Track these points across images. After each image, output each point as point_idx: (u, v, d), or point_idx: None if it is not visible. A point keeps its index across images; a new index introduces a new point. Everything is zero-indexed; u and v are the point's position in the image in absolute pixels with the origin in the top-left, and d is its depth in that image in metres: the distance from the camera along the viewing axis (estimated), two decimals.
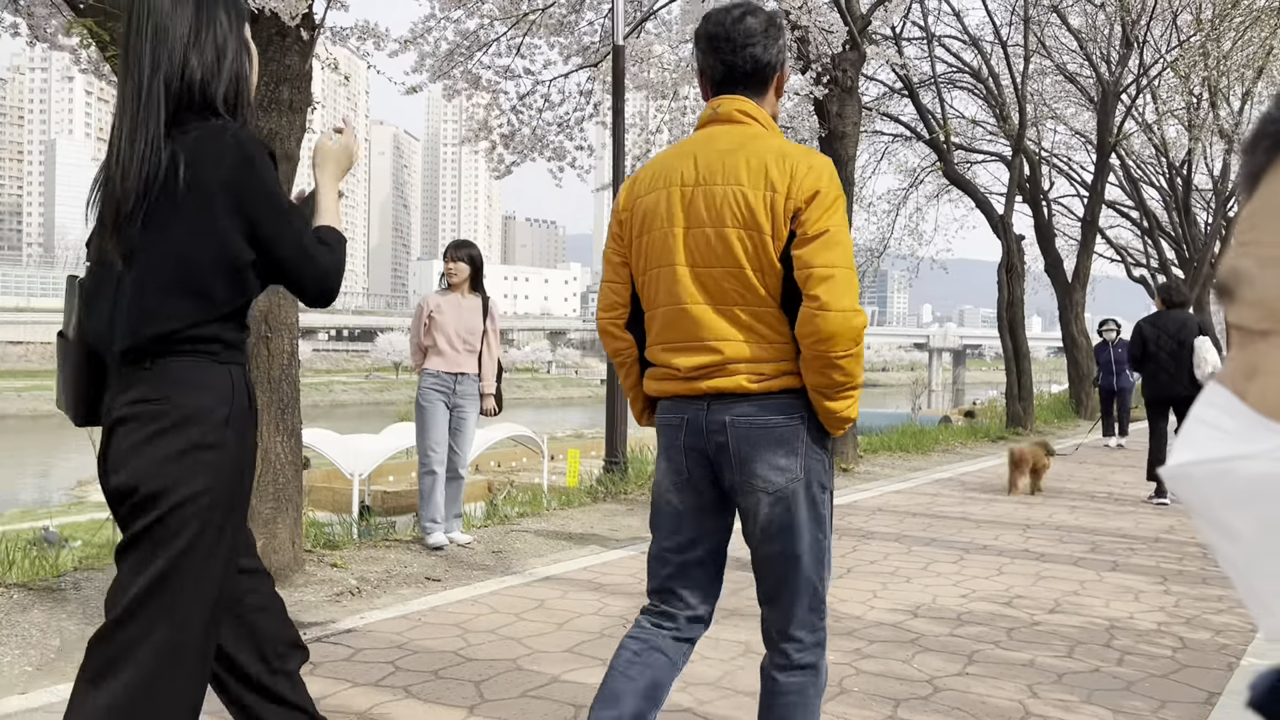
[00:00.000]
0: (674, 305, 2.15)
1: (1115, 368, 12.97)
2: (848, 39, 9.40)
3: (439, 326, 5.78)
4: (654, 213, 2.18)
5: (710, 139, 2.17)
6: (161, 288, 1.91)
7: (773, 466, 2.10)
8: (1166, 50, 18.79)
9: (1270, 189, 0.40)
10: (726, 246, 2.08)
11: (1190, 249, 24.99)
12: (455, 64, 10.79)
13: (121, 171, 1.89)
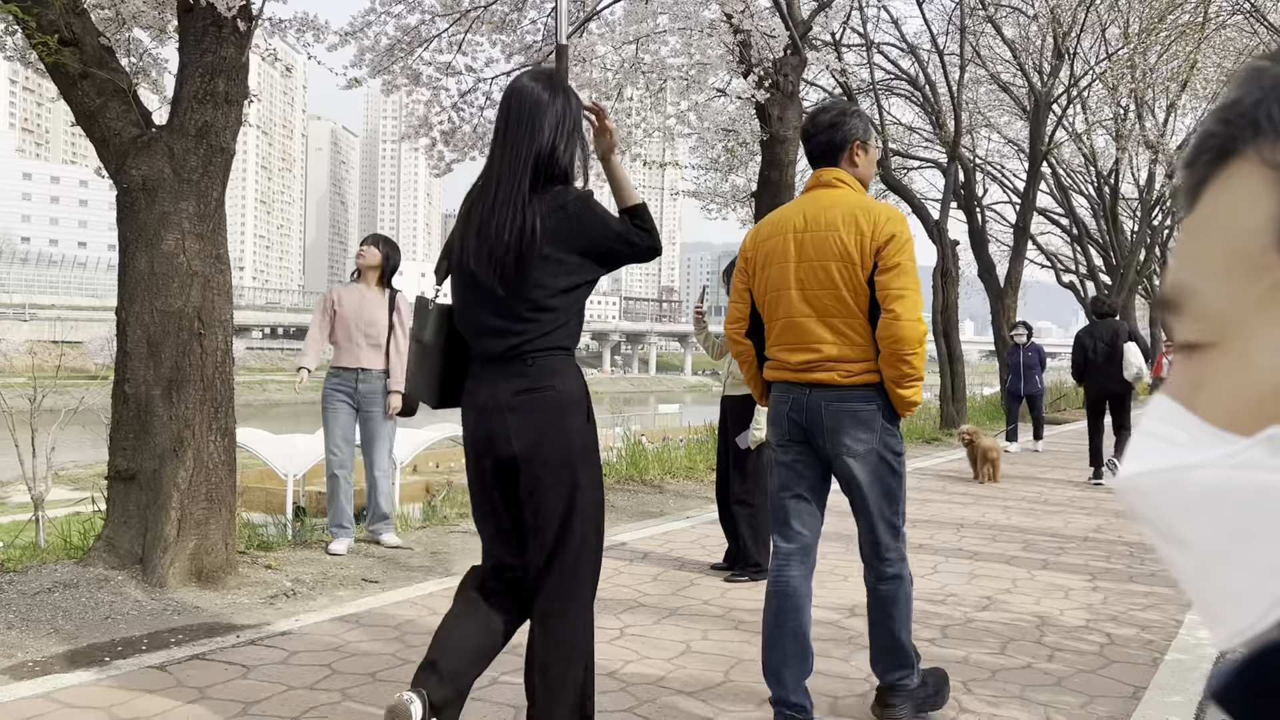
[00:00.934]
0: (788, 318, 2.98)
1: (1025, 372, 12.70)
2: (789, 44, 9.49)
3: (339, 319, 5.55)
4: (774, 252, 3.03)
5: (814, 198, 3.04)
6: (534, 305, 2.51)
7: (855, 439, 2.94)
8: (1096, 62, 19.31)
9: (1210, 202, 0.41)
10: (828, 274, 2.91)
11: (1117, 256, 25.72)
12: (395, 59, 10.66)
13: (497, 224, 2.50)
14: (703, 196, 14.49)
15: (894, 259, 2.85)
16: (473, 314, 2.60)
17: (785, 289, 2.99)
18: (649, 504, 7.56)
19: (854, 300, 2.90)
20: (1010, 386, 13.02)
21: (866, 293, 2.89)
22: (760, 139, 9.80)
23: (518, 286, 2.50)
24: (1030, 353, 12.61)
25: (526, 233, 2.48)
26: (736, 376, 5.27)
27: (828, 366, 2.93)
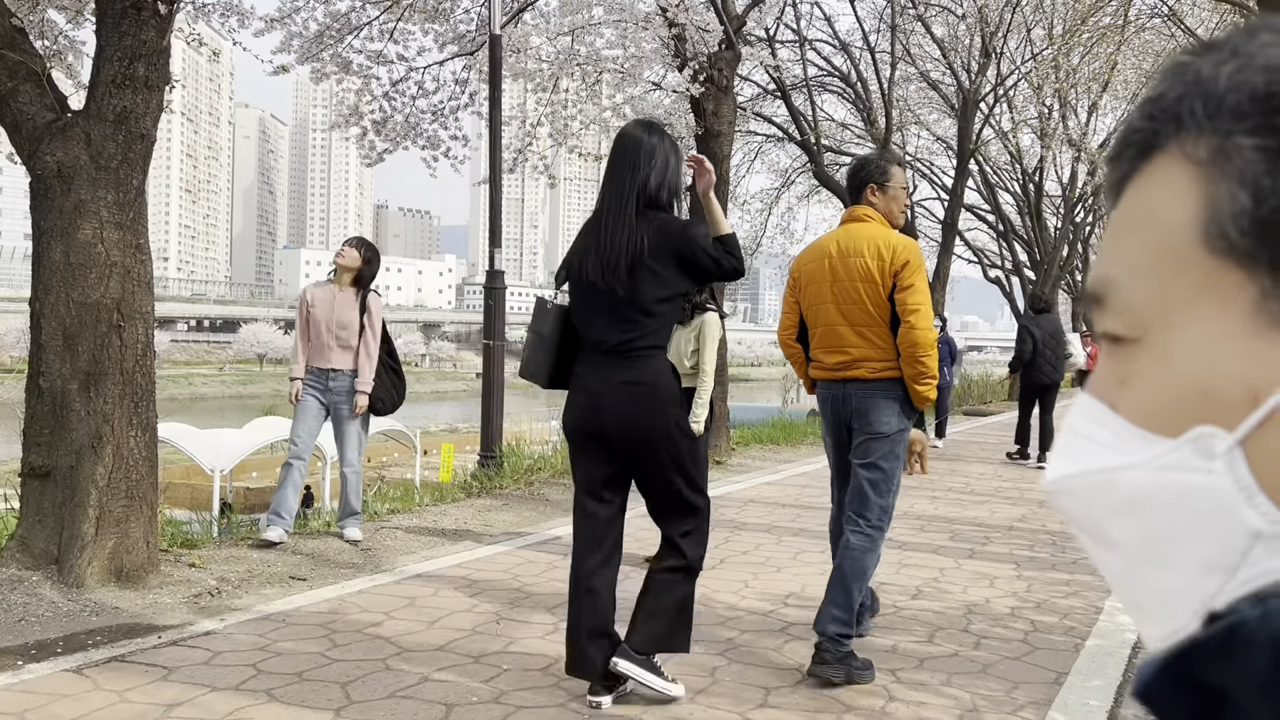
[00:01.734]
0: (827, 326, 3.71)
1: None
2: (724, 39, 9.53)
3: (312, 320, 5.63)
4: (815, 273, 3.74)
5: (847, 230, 3.74)
6: (640, 310, 3.13)
7: (875, 420, 3.64)
8: (1022, 62, 19.74)
9: (1134, 196, 0.41)
10: (856, 293, 3.61)
11: (1041, 251, 26.36)
12: (325, 46, 10.45)
13: (610, 243, 3.11)
14: None
15: (908, 280, 3.56)
16: (589, 315, 3.24)
17: (824, 303, 3.73)
18: None
19: (877, 313, 3.61)
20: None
21: (888, 307, 3.59)
22: (695, 133, 9.83)
23: (628, 293, 3.12)
24: (940, 346, 12.52)
25: (634, 248, 3.10)
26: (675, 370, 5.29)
27: (857, 365, 3.66)
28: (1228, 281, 0.36)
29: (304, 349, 5.65)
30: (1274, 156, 0.36)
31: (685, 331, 5.26)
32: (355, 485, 5.76)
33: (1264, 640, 0.33)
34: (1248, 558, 0.35)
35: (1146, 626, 0.40)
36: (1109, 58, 17.77)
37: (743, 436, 11.44)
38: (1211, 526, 0.36)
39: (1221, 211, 0.37)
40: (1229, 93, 0.37)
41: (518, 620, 4.20)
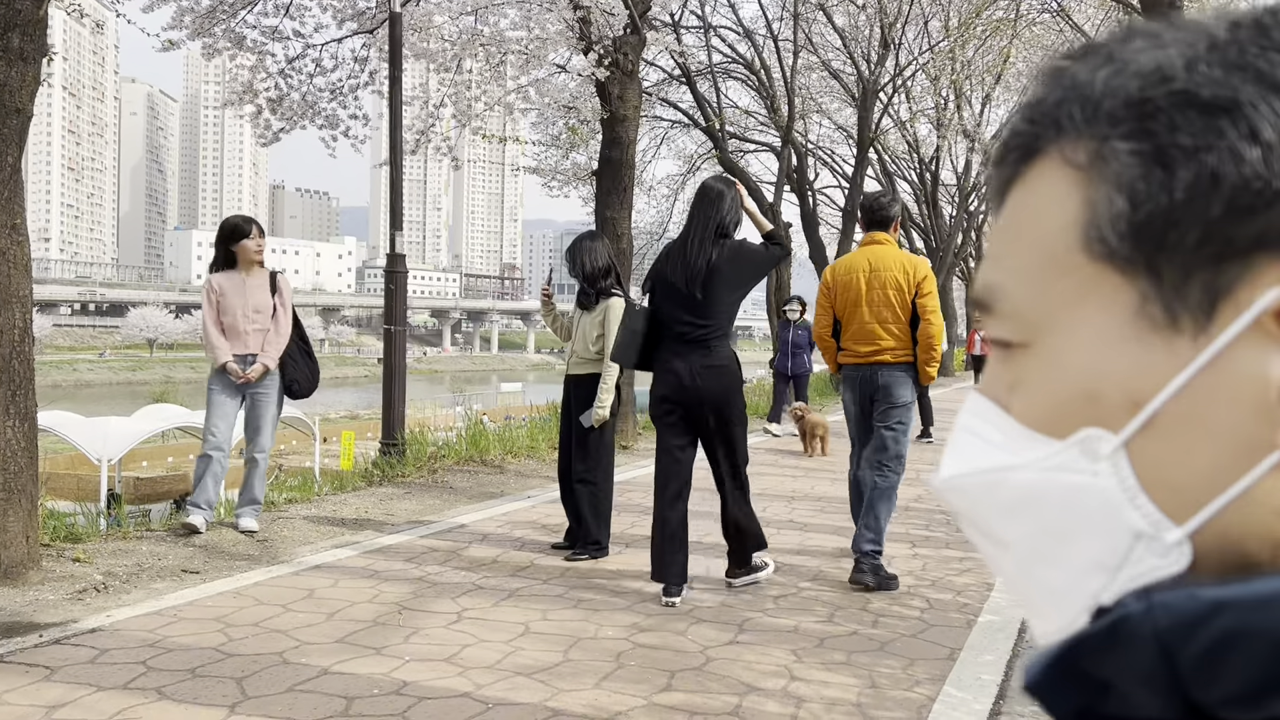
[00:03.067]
0: (860, 323, 4.81)
1: (793, 351, 11.72)
2: (629, 23, 9.50)
3: (226, 308, 5.45)
4: (849, 284, 4.83)
5: (873, 250, 4.84)
6: (712, 310, 4.36)
7: (895, 393, 4.76)
8: (919, 54, 20.22)
9: (1017, 201, 0.41)
10: (886, 298, 4.74)
11: (937, 239, 27.12)
12: (217, 21, 10.07)
13: (694, 262, 4.34)
14: (544, 173, 14.39)
15: (927, 290, 4.79)
16: (675, 313, 4.42)
17: (859, 306, 4.83)
18: (489, 484, 7.48)
19: (902, 313, 4.77)
20: (778, 365, 12.15)
21: (909, 309, 4.77)
22: (601, 117, 9.79)
23: (705, 296, 4.36)
24: (801, 331, 11.60)
25: (709, 264, 4.36)
26: (581, 355, 5.26)
27: (883, 353, 4.80)
28: (1108, 286, 0.37)
29: (220, 333, 5.47)
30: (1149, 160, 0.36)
31: (590, 317, 5.24)
32: (263, 472, 5.64)
33: (1146, 634, 0.34)
34: (1130, 556, 0.36)
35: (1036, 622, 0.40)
36: (1002, 50, 18.33)
37: (648, 422, 11.48)
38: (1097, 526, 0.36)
39: (1100, 215, 0.37)
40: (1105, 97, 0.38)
41: (421, 610, 4.14)
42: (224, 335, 5.47)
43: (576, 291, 5.41)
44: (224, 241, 5.57)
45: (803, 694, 3.29)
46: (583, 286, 5.32)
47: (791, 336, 11.69)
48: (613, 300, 5.21)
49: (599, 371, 5.17)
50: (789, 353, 11.74)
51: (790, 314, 11.72)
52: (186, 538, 5.32)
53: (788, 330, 11.80)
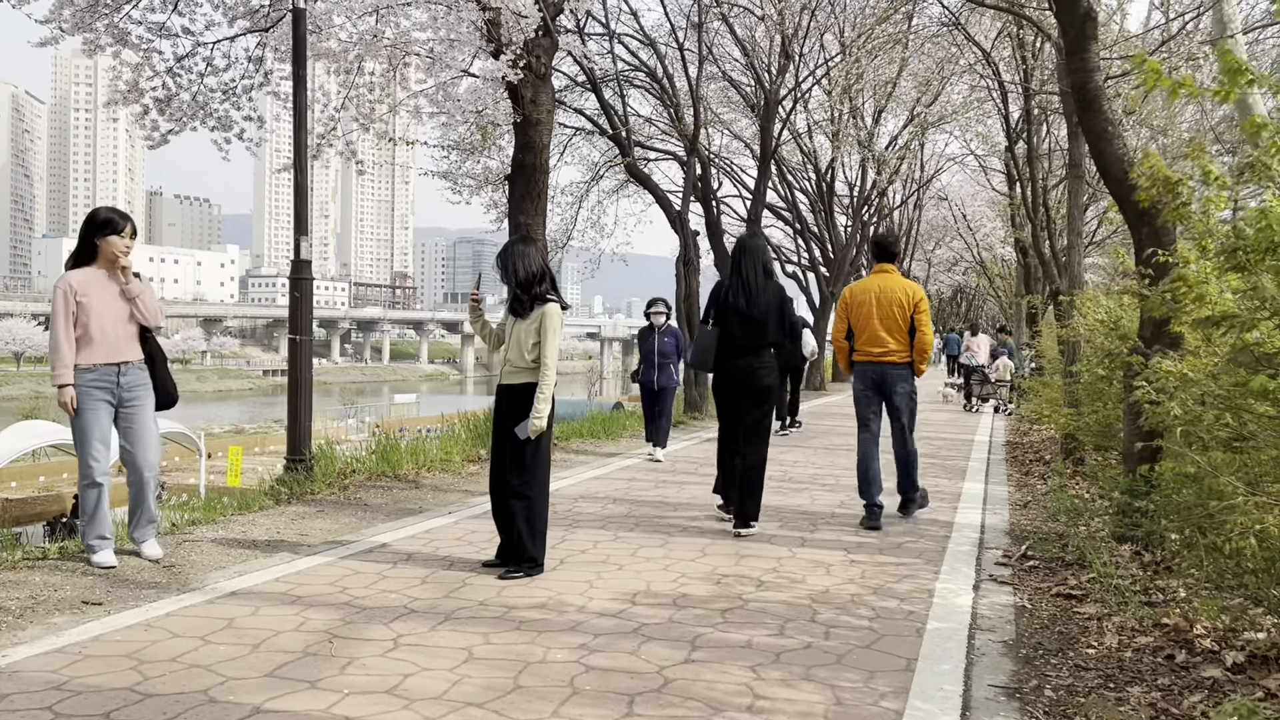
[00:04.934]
0: (871, 331, 6.52)
1: (659, 361, 10.11)
2: (541, 25, 9.32)
3: (91, 311, 4.90)
4: (864, 302, 6.56)
5: (882, 277, 6.62)
6: (772, 325, 6.21)
7: (900, 384, 6.54)
8: (816, 67, 20.55)
9: None
10: (893, 313, 6.49)
11: (833, 248, 27.63)
12: (99, 16, 9.47)
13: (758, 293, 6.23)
14: (451, 178, 14.04)
15: (923, 308, 6.53)
16: (738, 329, 6.21)
17: (871, 318, 6.54)
18: (406, 500, 7.18)
19: (903, 324, 6.50)
20: (642, 378, 10.25)
21: (909, 322, 6.50)
22: (514, 120, 9.57)
23: (761, 316, 6.17)
24: (667, 338, 10.17)
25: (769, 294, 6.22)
26: (515, 364, 5.04)
27: (890, 354, 6.52)
28: None
29: (71, 347, 4.89)
30: None
31: (525, 324, 5.03)
32: (154, 488, 5.22)
33: None
34: None
35: None
36: (904, 60, 18.77)
37: (564, 431, 11.30)
38: None
39: None
40: None
41: (353, 638, 3.88)
42: (84, 344, 4.89)
43: (509, 298, 5.20)
44: (91, 233, 4.97)
45: (771, 713, 3.17)
46: (516, 293, 5.11)
47: (657, 344, 10.14)
48: (549, 306, 5.02)
49: (534, 381, 4.97)
50: (654, 363, 10.12)
51: (655, 318, 10.20)
52: (83, 566, 4.91)
53: (651, 338, 10.22)
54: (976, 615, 4.42)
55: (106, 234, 4.95)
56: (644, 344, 10.30)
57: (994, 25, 15.30)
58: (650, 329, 10.28)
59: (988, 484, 8.62)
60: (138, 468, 5.10)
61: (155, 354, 5.22)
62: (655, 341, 10.17)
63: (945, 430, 13.90)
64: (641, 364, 10.31)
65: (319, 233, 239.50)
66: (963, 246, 40.20)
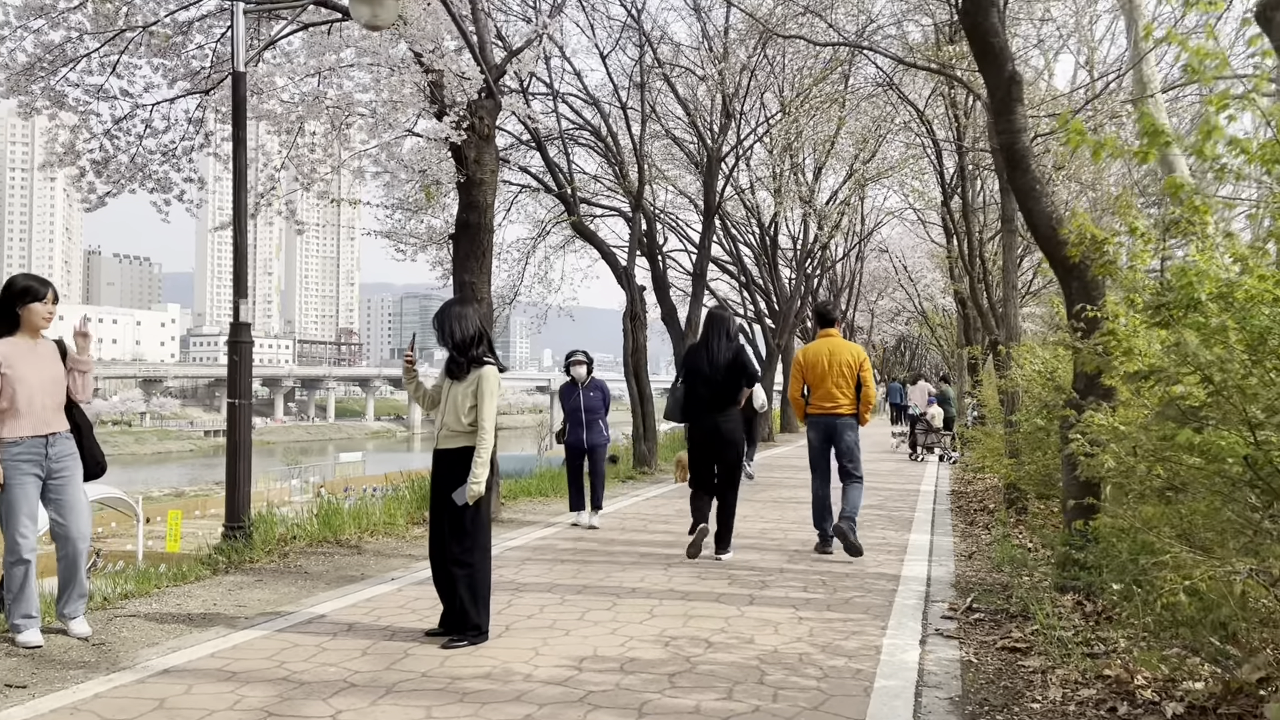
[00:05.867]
0: (823, 387, 7.64)
1: (586, 416, 9.29)
2: (484, 87, 9.40)
3: (18, 382, 4.75)
4: (817, 361, 7.67)
5: (829, 341, 7.77)
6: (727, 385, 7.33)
7: (848, 432, 7.62)
8: (757, 125, 20.96)
9: None
10: (842, 371, 7.59)
11: (778, 300, 27.97)
12: (35, 79, 9.36)
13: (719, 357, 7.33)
14: (395, 237, 14.01)
15: (866, 367, 7.61)
16: (704, 388, 7.32)
17: (824, 378, 7.59)
18: (347, 567, 7.03)
19: (851, 381, 7.57)
20: (569, 439, 9.37)
21: (856, 379, 7.57)
22: (457, 180, 9.60)
23: (723, 379, 7.28)
24: (593, 392, 9.38)
25: (730, 357, 7.30)
26: (452, 428, 4.99)
27: (840, 407, 7.56)
28: None
29: None
30: None
31: (461, 386, 5.00)
32: (85, 562, 5.05)
33: None
34: None
35: None
36: (840, 120, 19.21)
37: (511, 489, 11.18)
38: None
39: None
40: None
41: (291, 715, 3.76)
42: (9, 416, 4.73)
43: (446, 360, 5.17)
44: (11, 302, 4.81)
45: None
46: (453, 355, 5.09)
47: (583, 400, 9.31)
48: (486, 369, 5.00)
49: (471, 445, 4.92)
50: (582, 420, 9.30)
51: (576, 371, 9.35)
52: (7, 646, 4.72)
53: (575, 394, 9.36)
54: (923, 672, 4.42)
55: (28, 302, 4.81)
56: (567, 401, 9.44)
57: (927, 84, 15.75)
58: (572, 384, 9.41)
59: (933, 535, 8.69)
60: (70, 540, 4.93)
61: (81, 423, 5.10)
62: (580, 397, 9.33)
63: (891, 480, 14.02)
64: (567, 423, 9.45)
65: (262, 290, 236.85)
66: (905, 297, 40.95)
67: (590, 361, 9.51)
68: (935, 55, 12.99)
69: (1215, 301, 3.51)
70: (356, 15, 7.78)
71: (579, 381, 9.36)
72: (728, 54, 17.37)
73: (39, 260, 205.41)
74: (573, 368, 9.40)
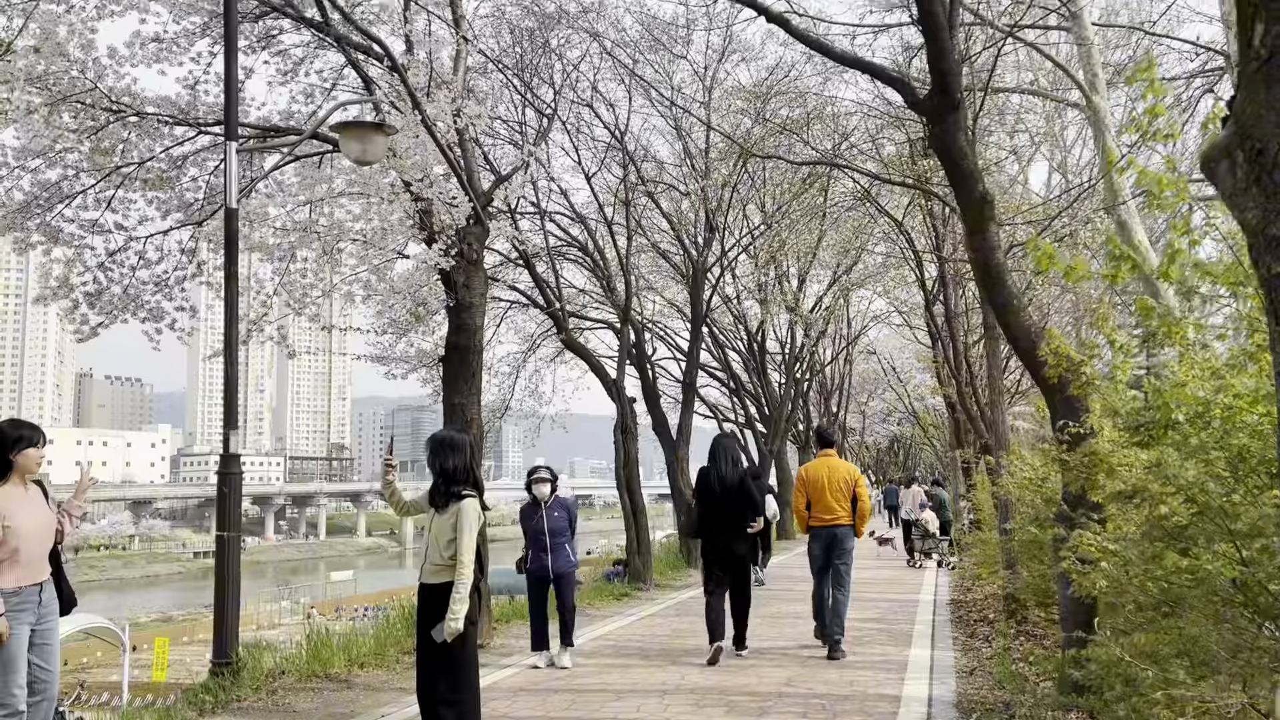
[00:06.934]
0: (822, 500, 8.53)
1: (550, 540, 8.17)
2: (472, 214, 9.62)
3: (20, 533, 4.71)
4: (818, 478, 8.61)
5: (828, 461, 8.77)
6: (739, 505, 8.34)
7: (846, 541, 8.52)
8: (741, 236, 21.40)
9: None
10: (839, 487, 8.53)
11: (769, 406, 28.07)
12: (31, 216, 9.56)
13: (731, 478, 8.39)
14: (386, 361, 14.12)
15: (861, 484, 8.62)
16: (718, 507, 8.31)
17: (824, 493, 8.47)
18: (337, 703, 6.87)
19: (847, 496, 8.45)
20: (531, 566, 8.22)
21: (851, 494, 8.46)
22: (446, 304, 9.73)
23: (735, 499, 8.29)
24: (557, 512, 8.28)
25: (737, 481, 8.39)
26: (434, 562, 4.96)
27: (839, 519, 8.43)
28: None
29: None
30: None
31: (442, 519, 4.99)
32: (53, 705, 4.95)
33: None
34: None
35: None
36: (821, 232, 19.64)
37: (504, 613, 11.00)
38: None
39: None
40: None
41: None
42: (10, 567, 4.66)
43: (430, 487, 5.19)
44: (4, 450, 4.79)
45: None
46: (437, 483, 5.11)
47: (546, 521, 8.19)
48: (465, 503, 4.99)
49: (452, 580, 4.88)
50: (545, 545, 8.17)
51: (538, 489, 8.27)
52: None
53: (537, 514, 8.25)
54: None
55: (23, 448, 4.83)
56: (528, 522, 8.30)
57: (905, 194, 16.16)
58: (534, 504, 8.29)
59: (934, 650, 8.56)
60: (49, 684, 4.87)
61: (54, 559, 5.07)
62: (543, 518, 8.19)
63: (890, 590, 13.85)
64: (529, 548, 8.28)
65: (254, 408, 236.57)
66: (895, 398, 41.12)
67: (554, 479, 8.42)
68: (911, 169, 13.39)
69: (1192, 422, 3.56)
70: (347, 151, 8.03)
71: (541, 501, 8.24)
72: (709, 171, 17.85)
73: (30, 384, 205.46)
74: (534, 486, 8.29)
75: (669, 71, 18.15)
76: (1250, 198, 2.13)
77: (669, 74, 18.15)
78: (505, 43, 14.79)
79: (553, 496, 8.30)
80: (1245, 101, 2.15)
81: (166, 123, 9.68)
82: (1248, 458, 3.51)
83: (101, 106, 9.07)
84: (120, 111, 9.17)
